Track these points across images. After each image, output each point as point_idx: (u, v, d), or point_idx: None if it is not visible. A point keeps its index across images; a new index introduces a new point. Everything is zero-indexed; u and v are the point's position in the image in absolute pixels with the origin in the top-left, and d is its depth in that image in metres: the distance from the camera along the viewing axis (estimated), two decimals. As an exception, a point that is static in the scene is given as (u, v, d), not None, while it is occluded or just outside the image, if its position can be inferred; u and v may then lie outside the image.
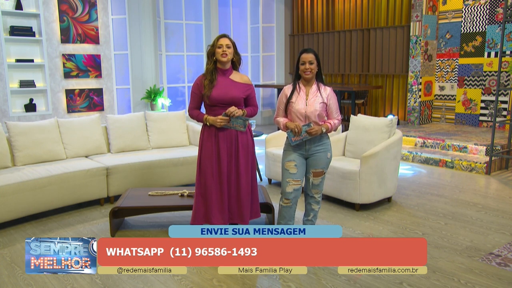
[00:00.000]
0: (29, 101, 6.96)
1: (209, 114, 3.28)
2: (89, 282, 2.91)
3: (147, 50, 8.13)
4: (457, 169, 5.95)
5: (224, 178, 3.25)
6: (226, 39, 3.23)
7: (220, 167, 3.25)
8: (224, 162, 3.24)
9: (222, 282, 2.90)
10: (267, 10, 10.35)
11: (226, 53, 3.19)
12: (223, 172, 3.24)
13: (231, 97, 3.22)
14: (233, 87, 3.25)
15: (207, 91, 3.20)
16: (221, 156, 3.24)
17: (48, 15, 7.02)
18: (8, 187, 3.85)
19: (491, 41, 7.43)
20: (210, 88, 3.20)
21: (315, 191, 3.30)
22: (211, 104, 3.23)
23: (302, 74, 3.17)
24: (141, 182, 4.68)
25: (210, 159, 3.25)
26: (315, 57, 3.14)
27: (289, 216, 3.28)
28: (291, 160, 3.20)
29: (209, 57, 3.28)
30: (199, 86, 3.27)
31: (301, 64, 3.15)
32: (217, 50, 3.21)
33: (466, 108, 7.90)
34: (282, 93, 3.27)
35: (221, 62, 3.24)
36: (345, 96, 8.86)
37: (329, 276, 2.95)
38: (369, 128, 4.59)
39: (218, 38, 3.25)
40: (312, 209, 3.36)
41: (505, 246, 3.44)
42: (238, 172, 3.29)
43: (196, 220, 3.31)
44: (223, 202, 3.27)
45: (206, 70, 3.29)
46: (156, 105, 8.05)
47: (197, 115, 3.31)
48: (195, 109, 3.34)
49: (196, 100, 3.32)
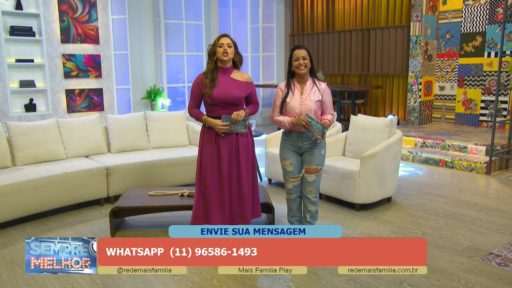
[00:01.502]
0: (29, 101, 6.96)
1: (209, 113, 3.27)
2: (89, 282, 2.91)
3: (147, 50, 8.13)
4: (457, 169, 5.95)
5: (224, 179, 3.24)
6: (227, 38, 3.23)
7: (221, 168, 3.24)
8: (225, 163, 3.23)
9: (222, 282, 2.90)
10: (267, 10, 10.35)
11: (227, 52, 3.18)
12: (224, 173, 3.24)
13: (233, 96, 3.21)
14: (234, 86, 3.24)
15: (208, 90, 3.18)
16: (221, 157, 3.23)
17: (48, 15, 7.02)
18: (8, 187, 3.85)
19: (491, 41, 7.43)
20: (211, 87, 3.18)
21: (309, 189, 3.27)
22: (212, 103, 3.22)
23: (296, 70, 3.19)
24: (141, 182, 4.68)
25: (211, 160, 3.24)
26: (308, 53, 3.18)
27: (296, 208, 3.40)
28: (286, 158, 3.29)
29: (210, 56, 3.26)
30: (199, 85, 3.25)
31: (295, 60, 3.17)
32: (218, 49, 3.20)
33: (466, 108, 7.90)
34: (277, 89, 3.28)
35: (222, 61, 3.22)
36: (345, 96, 8.86)
37: (329, 276, 2.95)
38: (369, 128, 4.59)
39: (219, 37, 3.24)
40: (308, 210, 3.34)
41: (505, 246, 3.44)
42: (239, 172, 3.29)
43: (196, 220, 3.31)
44: (224, 203, 3.26)
45: (207, 69, 3.27)
46: (156, 105, 8.05)
47: (197, 114, 3.30)
48: (195, 108, 3.33)
49: (196, 98, 3.31)
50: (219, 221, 3.24)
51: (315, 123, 3.06)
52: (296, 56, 3.17)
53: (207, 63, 3.30)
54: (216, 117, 3.23)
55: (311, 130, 3.08)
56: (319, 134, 3.07)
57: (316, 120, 3.08)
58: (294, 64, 3.18)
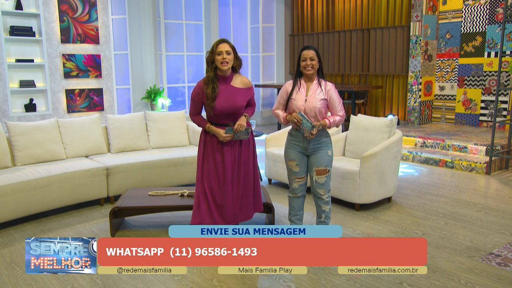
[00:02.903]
0: (29, 101, 6.96)
1: (211, 120, 3.22)
2: (89, 282, 2.91)
3: (147, 50, 8.13)
4: (457, 169, 5.95)
5: (228, 183, 3.22)
6: (225, 45, 3.09)
7: (225, 173, 3.21)
8: (229, 169, 3.21)
9: (222, 282, 2.90)
10: (267, 10, 10.35)
11: (226, 60, 3.07)
12: (228, 177, 3.21)
13: (236, 107, 3.16)
14: (237, 95, 3.17)
15: (210, 102, 3.10)
16: (225, 162, 3.20)
17: (48, 15, 7.02)
18: (8, 187, 3.85)
19: (491, 41, 7.43)
20: (213, 99, 3.09)
21: (321, 190, 3.28)
22: (215, 114, 3.16)
23: (303, 71, 3.22)
24: (141, 182, 4.68)
25: (214, 166, 3.21)
26: (316, 54, 3.19)
27: (298, 206, 3.41)
28: (292, 159, 3.29)
29: (209, 64, 3.13)
30: (200, 95, 3.16)
31: (302, 60, 3.20)
32: (217, 58, 3.08)
33: (466, 108, 7.90)
34: (283, 88, 3.31)
35: (222, 70, 3.13)
36: (345, 96, 8.86)
37: (329, 276, 2.95)
38: (369, 128, 4.59)
39: (217, 44, 3.11)
40: (323, 211, 3.36)
41: (505, 246, 3.44)
42: (242, 174, 3.28)
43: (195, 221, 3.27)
44: (228, 205, 3.24)
45: (207, 78, 3.14)
46: (156, 105, 8.05)
47: (200, 121, 3.25)
48: (197, 115, 3.28)
49: (197, 106, 3.25)
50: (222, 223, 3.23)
51: (305, 121, 3.08)
52: (304, 56, 3.19)
53: (206, 70, 3.18)
54: (218, 124, 3.20)
55: (302, 128, 3.12)
56: (308, 132, 3.11)
57: (307, 118, 3.10)
58: (301, 64, 3.21)
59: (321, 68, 3.25)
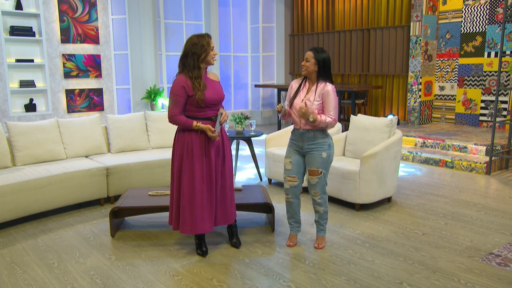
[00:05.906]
0: (29, 101, 6.96)
1: (196, 115, 3.13)
2: (89, 282, 2.91)
3: (147, 50, 8.13)
4: (457, 169, 5.94)
5: (213, 184, 3.18)
6: (211, 40, 3.18)
7: (211, 173, 3.17)
8: (213, 168, 3.17)
9: (222, 282, 2.89)
10: (267, 10, 10.35)
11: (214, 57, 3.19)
12: (213, 177, 3.18)
13: (221, 97, 3.22)
14: (218, 86, 3.23)
15: (200, 94, 3.05)
16: (211, 162, 3.16)
17: (48, 15, 7.03)
18: (8, 187, 3.84)
19: (491, 41, 7.43)
20: (202, 90, 3.06)
21: (313, 191, 3.31)
22: (205, 106, 3.10)
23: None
24: (141, 182, 4.68)
25: (201, 166, 3.13)
26: (314, 56, 3.20)
27: (292, 211, 3.43)
28: (287, 156, 3.36)
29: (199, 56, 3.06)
30: (185, 89, 3.06)
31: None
32: (211, 53, 3.11)
33: (466, 108, 7.90)
34: (290, 86, 3.40)
35: (210, 64, 3.18)
36: (345, 96, 8.86)
37: (329, 276, 2.95)
38: (369, 128, 4.59)
39: (209, 39, 3.13)
40: (317, 211, 3.39)
41: (505, 246, 3.44)
42: (224, 175, 3.25)
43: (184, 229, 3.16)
44: (212, 207, 3.19)
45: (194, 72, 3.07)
46: (156, 105, 8.05)
47: (185, 121, 3.10)
48: (180, 115, 3.11)
49: (181, 103, 3.09)
50: (206, 228, 3.16)
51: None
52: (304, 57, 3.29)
53: (192, 64, 3.07)
54: (204, 118, 3.14)
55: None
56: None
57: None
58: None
59: (323, 71, 3.22)
